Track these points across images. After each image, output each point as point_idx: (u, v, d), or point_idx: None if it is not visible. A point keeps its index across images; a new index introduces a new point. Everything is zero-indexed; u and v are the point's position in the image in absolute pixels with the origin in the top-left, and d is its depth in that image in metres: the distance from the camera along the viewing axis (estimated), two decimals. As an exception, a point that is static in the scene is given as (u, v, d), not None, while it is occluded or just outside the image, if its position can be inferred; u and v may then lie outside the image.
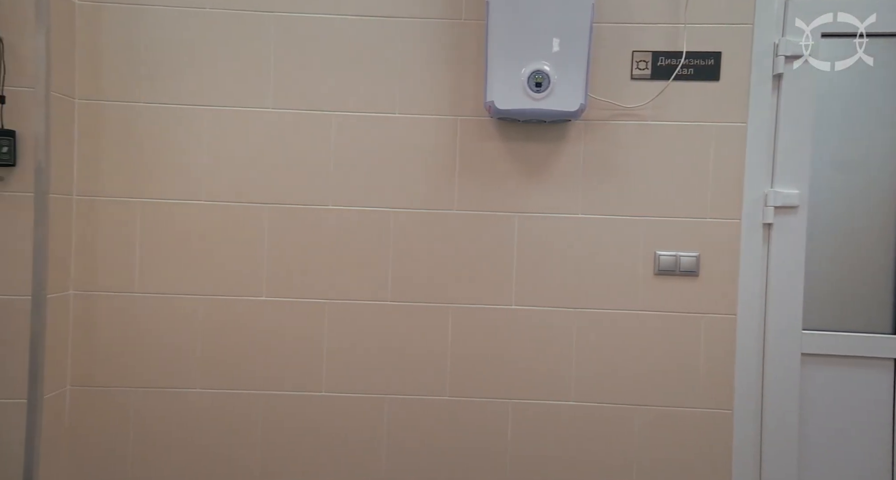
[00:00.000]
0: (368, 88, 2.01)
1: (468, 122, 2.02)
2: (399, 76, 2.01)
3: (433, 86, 2.01)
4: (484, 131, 2.02)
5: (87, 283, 1.99)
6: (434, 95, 2.01)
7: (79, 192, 1.98)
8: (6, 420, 1.82)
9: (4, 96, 1.79)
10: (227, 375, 2.02)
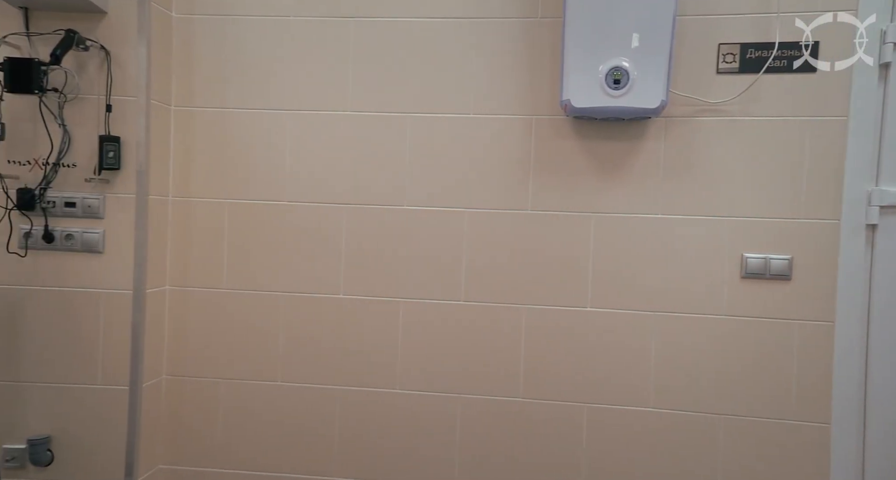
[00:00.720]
0: (443, 89, 2.02)
1: (543, 121, 1.99)
2: (474, 77, 2.01)
3: (508, 86, 2.00)
4: (559, 130, 1.99)
5: (181, 279, 2.12)
6: (509, 94, 2.00)
7: (174, 193, 2.12)
8: (112, 404, 1.97)
9: (111, 105, 1.93)
10: (306, 369, 2.09)
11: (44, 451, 1.95)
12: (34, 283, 1.97)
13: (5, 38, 1.85)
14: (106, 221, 1.97)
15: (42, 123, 1.92)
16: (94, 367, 1.98)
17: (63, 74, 1.89)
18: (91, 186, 1.96)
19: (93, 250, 1.97)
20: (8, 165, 1.93)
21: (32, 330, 1.97)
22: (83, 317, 1.97)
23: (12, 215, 1.94)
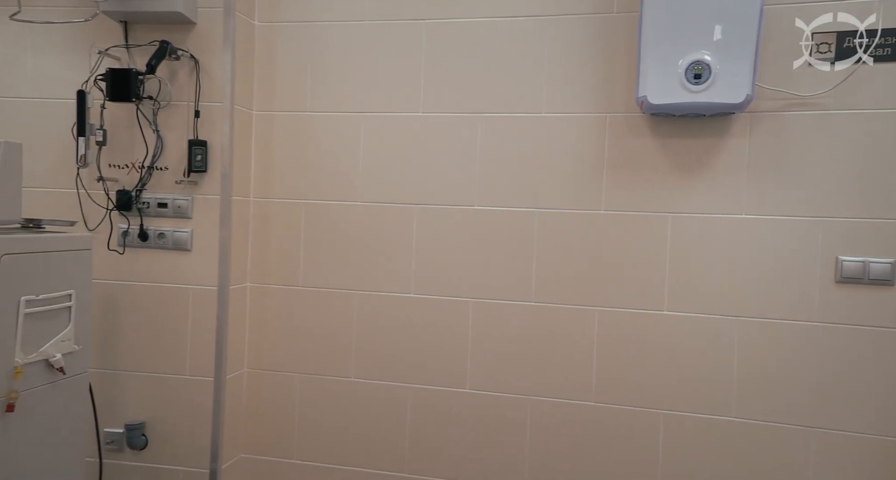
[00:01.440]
0: (515, 89, 2.01)
1: (618, 119, 1.94)
2: (546, 75, 1.99)
3: (581, 83, 1.96)
4: (635, 128, 1.93)
5: (261, 276, 2.22)
6: (582, 92, 1.96)
7: (255, 194, 2.21)
8: (199, 394, 2.09)
9: (199, 111, 2.05)
10: (378, 366, 2.14)
11: (139, 436, 2.09)
12: (131, 278, 2.11)
13: (108, 50, 2.00)
14: (194, 220, 2.08)
15: (139, 129, 2.05)
16: (182, 358, 2.10)
17: (157, 83, 2.02)
18: (181, 187, 2.08)
19: (182, 248, 2.09)
20: (108, 169, 2.08)
21: (129, 323, 2.12)
22: (173, 311, 2.10)
23: (112, 215, 2.09)
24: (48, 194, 2.09)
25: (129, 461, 2.11)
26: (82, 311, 1.81)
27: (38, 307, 1.66)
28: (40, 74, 2.11)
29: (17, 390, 1.59)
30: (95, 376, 2.07)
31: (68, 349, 1.76)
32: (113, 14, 1.98)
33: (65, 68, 2.09)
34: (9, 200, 1.63)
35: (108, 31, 2.04)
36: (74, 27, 2.04)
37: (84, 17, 1.96)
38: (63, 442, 1.77)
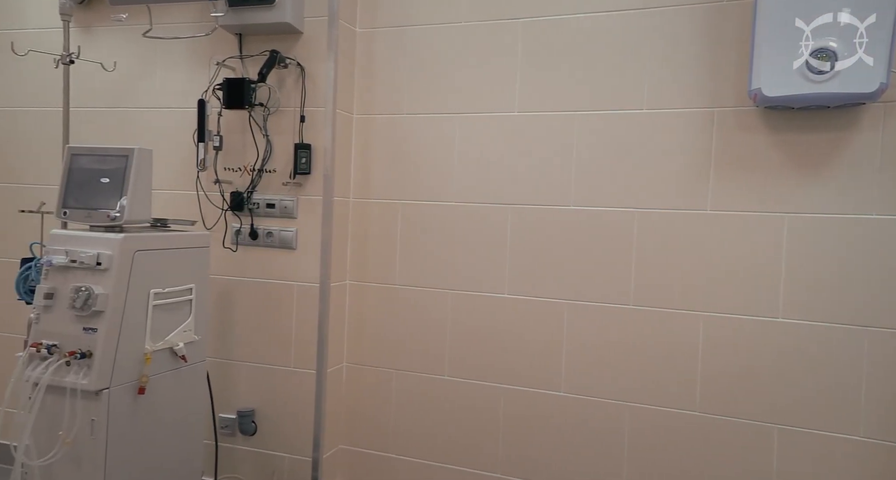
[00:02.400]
0: (614, 85, 1.95)
1: (727, 113, 1.83)
2: (647, 70, 1.91)
3: (686, 77, 1.87)
4: (746, 123, 1.81)
5: (359, 274, 2.30)
6: (687, 86, 1.87)
7: (355, 195, 2.29)
8: (302, 386, 2.20)
9: (304, 116, 2.15)
10: (472, 365, 2.15)
11: (249, 422, 2.23)
12: (242, 274, 2.25)
13: (224, 61, 2.15)
14: (298, 220, 2.19)
15: (250, 134, 2.19)
16: (288, 351, 2.21)
17: (267, 90, 2.14)
18: (287, 189, 2.19)
19: (288, 247, 2.20)
20: (224, 172, 2.23)
21: (241, 316, 2.26)
22: (280, 306, 2.22)
23: (227, 215, 2.24)
24: (172, 195, 2.27)
25: (240, 445, 2.26)
26: (201, 304, 1.96)
27: (164, 300, 1.82)
28: (167, 85, 2.30)
29: (147, 374, 1.74)
30: (212, 364, 2.23)
31: (189, 338, 1.91)
32: (229, 27, 2.12)
33: (187, 80, 2.26)
34: (141, 201, 1.79)
35: (224, 44, 2.18)
36: (195, 41, 2.21)
37: (205, 32, 2.12)
38: (185, 424, 1.93)
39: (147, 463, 1.78)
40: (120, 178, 1.76)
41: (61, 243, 1.72)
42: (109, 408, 1.64)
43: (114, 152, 1.79)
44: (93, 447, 1.63)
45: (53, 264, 1.69)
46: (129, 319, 1.70)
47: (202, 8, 2.18)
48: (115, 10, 2.09)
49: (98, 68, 2.30)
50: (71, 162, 1.81)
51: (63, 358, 1.63)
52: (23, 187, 2.48)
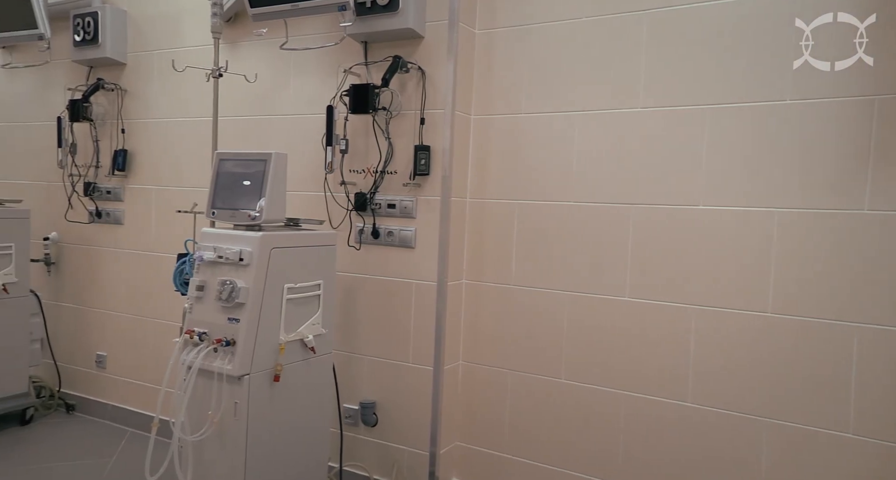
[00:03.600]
0: (749, 75, 1.81)
1: (890, 101, 1.63)
2: (789, 57, 1.75)
3: (838, 63, 1.69)
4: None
5: (475, 273, 2.31)
6: (838, 73, 1.69)
7: (472, 195, 2.31)
8: (420, 381, 2.25)
9: (424, 118, 2.20)
10: (589, 369, 2.09)
11: (371, 414, 2.33)
12: (365, 272, 2.36)
13: (351, 68, 2.26)
14: (417, 220, 2.25)
15: (374, 137, 2.28)
16: (406, 347, 2.29)
17: (390, 94, 2.22)
18: (407, 189, 2.26)
19: (407, 246, 2.27)
20: (349, 174, 2.35)
21: (363, 311, 2.37)
22: (399, 303, 2.29)
23: (351, 214, 2.35)
24: (302, 196, 2.42)
25: (362, 435, 2.37)
26: (328, 299, 2.08)
27: (295, 294, 1.94)
28: (299, 93, 2.47)
29: (281, 363, 1.88)
30: (336, 357, 2.34)
31: (318, 331, 2.03)
32: (356, 36, 2.23)
33: (317, 88, 2.41)
34: (277, 202, 1.93)
35: (351, 52, 2.30)
36: (324, 51, 2.34)
37: (334, 42, 2.24)
38: (313, 412, 2.05)
39: (281, 445, 1.92)
40: (259, 180, 1.91)
41: (210, 241, 1.90)
42: (250, 392, 1.79)
43: (254, 157, 1.95)
44: (235, 427, 1.79)
45: (204, 260, 1.87)
46: (266, 311, 1.84)
47: (331, 19, 2.30)
48: (256, 26, 2.27)
49: (242, 80, 2.51)
50: (218, 166, 1.99)
51: (211, 345, 1.80)
52: (179, 189, 2.76)
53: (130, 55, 2.87)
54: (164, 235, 2.81)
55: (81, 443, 2.75)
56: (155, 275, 2.83)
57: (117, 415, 2.97)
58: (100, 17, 2.77)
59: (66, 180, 3.04)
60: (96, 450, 2.67)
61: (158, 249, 2.83)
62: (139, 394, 2.92)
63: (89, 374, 3.08)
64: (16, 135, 3.26)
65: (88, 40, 2.81)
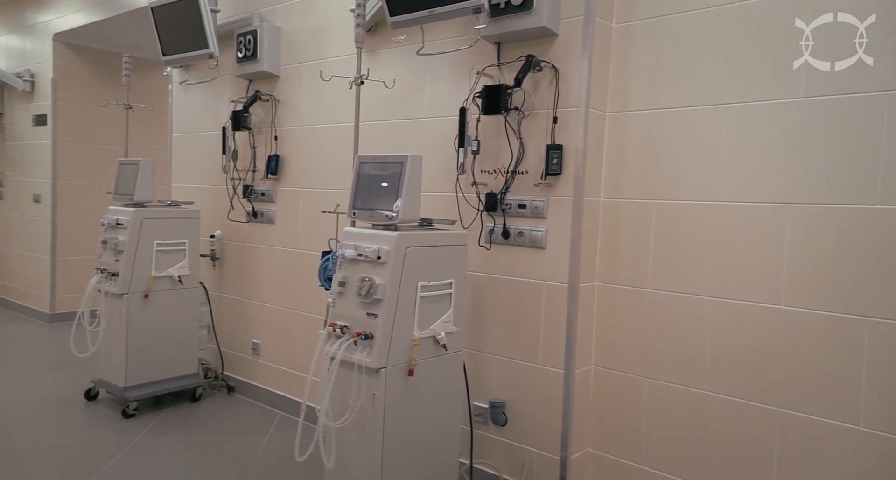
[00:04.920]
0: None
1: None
2: None
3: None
4: None
5: (609, 276, 2.23)
6: None
7: (606, 195, 2.24)
8: (550, 384, 2.22)
9: (557, 117, 2.17)
10: (738, 382, 1.93)
11: (500, 413, 2.34)
12: (494, 271, 2.37)
13: (483, 70, 2.28)
14: (548, 220, 2.22)
15: (505, 137, 2.29)
16: (536, 348, 2.26)
17: (522, 94, 2.22)
18: (538, 189, 2.24)
19: (538, 246, 2.25)
20: (480, 174, 2.37)
21: (492, 311, 2.38)
22: (529, 304, 2.28)
23: (482, 215, 2.37)
24: (434, 197, 2.49)
25: (492, 434, 2.38)
26: (459, 298, 2.12)
27: (429, 292, 2.00)
28: (433, 97, 2.54)
29: (415, 358, 1.95)
30: (466, 355, 2.38)
31: (449, 329, 2.07)
32: (489, 37, 2.25)
33: (449, 90, 2.46)
34: (412, 202, 2.00)
35: (484, 54, 2.32)
36: (457, 54, 2.39)
37: (468, 45, 2.28)
38: (444, 408, 2.10)
39: (415, 438, 1.99)
40: (396, 182, 1.99)
41: (351, 239, 2.01)
42: (386, 385, 1.87)
43: (391, 159, 2.03)
44: (373, 417, 1.88)
45: (346, 257, 1.98)
46: (401, 307, 1.91)
47: (465, 23, 2.34)
48: (395, 33, 2.37)
49: (380, 86, 2.64)
50: (359, 169, 2.11)
51: (352, 338, 1.91)
52: (323, 191, 2.97)
53: (283, 68, 3.14)
54: (310, 233, 3.03)
55: (240, 422, 3.05)
56: (302, 271, 3.06)
57: (269, 399, 3.26)
58: (258, 35, 3.06)
59: (228, 184, 3.39)
60: (252, 429, 2.96)
61: (305, 246, 3.06)
62: (288, 380, 3.18)
63: (246, 359, 3.41)
64: (190, 144, 3.70)
65: (249, 56, 3.11)
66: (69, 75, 4.93)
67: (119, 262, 3.04)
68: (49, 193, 4.92)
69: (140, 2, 3.88)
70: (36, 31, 5.01)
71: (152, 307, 3.11)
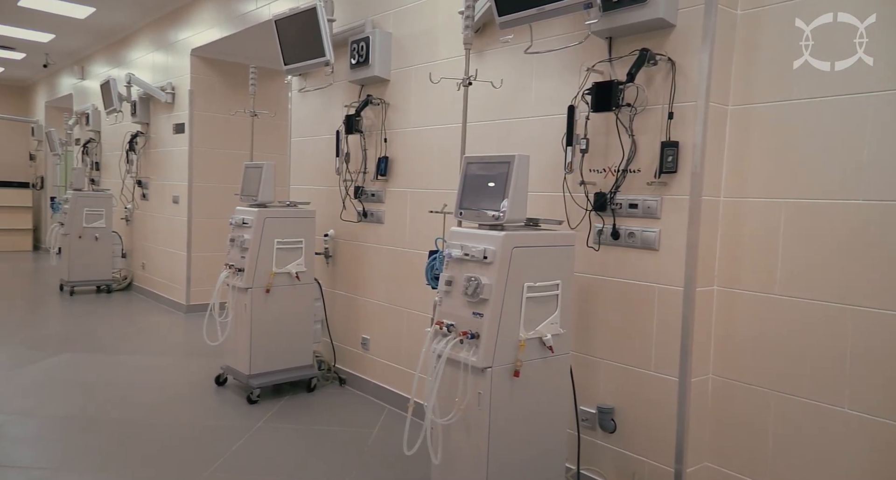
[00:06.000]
0: None
1: None
2: None
3: None
4: None
5: (729, 280, 2.09)
6: None
7: (726, 193, 2.09)
8: (662, 391, 2.12)
9: (672, 112, 2.06)
10: (886, 402, 1.73)
11: (608, 419, 2.27)
12: (603, 273, 2.30)
13: (594, 66, 2.22)
14: (662, 221, 2.12)
15: (616, 135, 2.21)
16: (647, 354, 2.17)
17: (635, 90, 2.13)
18: (651, 189, 2.14)
19: (649, 248, 2.15)
20: (588, 174, 2.31)
21: (600, 314, 2.31)
22: (639, 307, 2.19)
23: (590, 215, 2.31)
24: (540, 197, 2.46)
25: (600, 440, 2.31)
26: (566, 299, 2.07)
27: (535, 293, 1.98)
28: (540, 95, 2.51)
29: (521, 359, 1.93)
30: (572, 358, 2.33)
31: (556, 331, 2.04)
32: (600, 33, 2.18)
33: (557, 89, 2.42)
34: (518, 203, 1.99)
35: (594, 50, 2.26)
36: (565, 51, 2.34)
37: (578, 41, 2.23)
38: (550, 411, 2.07)
39: (520, 439, 1.98)
40: (503, 182, 1.99)
41: (458, 239, 2.04)
42: (492, 384, 1.88)
43: (498, 160, 2.03)
44: (479, 416, 1.89)
45: (452, 257, 2.01)
46: (507, 308, 1.90)
47: (574, 19, 2.29)
48: (503, 33, 2.37)
49: (486, 87, 2.64)
50: (466, 169, 2.13)
51: (458, 337, 1.93)
52: (429, 191, 3.03)
53: (393, 72, 3.24)
54: (417, 233, 3.11)
55: (351, 413, 3.19)
56: (409, 270, 3.15)
57: (377, 392, 3.38)
58: (370, 41, 3.18)
59: (341, 185, 3.55)
60: (362, 421, 3.08)
61: (411, 246, 3.14)
62: (395, 375, 3.28)
63: (356, 354, 3.56)
64: (306, 147, 3.92)
65: (361, 62, 3.24)
66: (203, 87, 5.41)
67: (244, 258, 3.28)
68: (186, 194, 5.43)
69: (265, 16, 4.17)
70: (176, 47, 5.54)
71: (273, 301, 3.33)
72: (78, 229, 6.10)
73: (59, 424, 2.92)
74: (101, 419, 3.01)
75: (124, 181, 6.51)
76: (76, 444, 2.72)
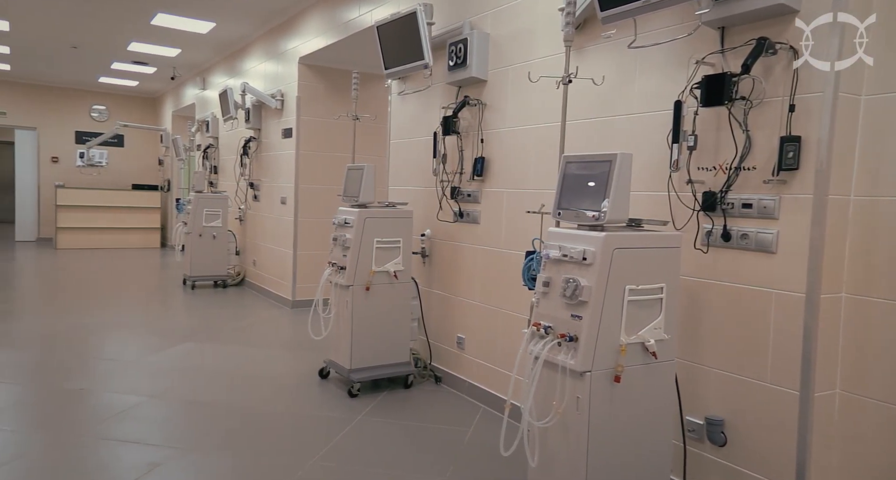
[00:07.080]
0: None
1: None
2: None
3: None
4: None
5: (860, 287, 1.90)
6: None
7: (857, 192, 1.91)
8: (781, 406, 1.97)
9: (794, 105, 1.90)
10: None
11: (718, 432, 2.13)
12: (712, 277, 2.17)
13: (704, 58, 2.10)
14: (780, 221, 1.96)
15: (728, 130, 2.07)
16: (763, 364, 2.02)
17: (750, 82, 1.99)
18: (768, 187, 1.99)
19: (766, 250, 2.00)
20: (696, 172, 2.19)
21: (709, 320, 2.18)
22: (754, 314, 2.04)
23: (698, 215, 2.19)
24: (643, 196, 2.36)
25: (708, 453, 2.18)
26: (671, 303, 1.97)
27: (637, 296, 1.90)
28: (644, 91, 2.41)
29: (622, 364, 1.87)
30: (679, 365, 2.22)
31: (659, 336, 1.94)
32: (712, 23, 2.06)
33: (662, 83, 2.31)
34: (620, 203, 1.92)
35: (703, 41, 2.13)
36: (672, 44, 2.23)
37: (686, 33, 2.12)
38: (654, 419, 1.98)
39: (621, 448, 1.91)
40: (604, 182, 1.92)
41: (556, 240, 2.00)
42: (591, 389, 1.83)
43: (599, 159, 1.97)
44: (577, 420, 1.85)
45: (550, 258, 1.98)
46: (607, 311, 1.84)
47: (681, 10, 2.18)
48: (605, 29, 2.30)
49: (586, 84, 2.58)
50: (565, 169, 2.08)
51: (556, 339, 1.89)
52: (526, 191, 3.00)
53: (490, 72, 3.24)
54: (513, 233, 3.09)
55: (446, 411, 3.23)
56: (505, 270, 3.13)
57: (472, 391, 3.40)
58: (468, 43, 3.20)
59: (437, 186, 3.60)
60: (458, 419, 3.11)
61: (507, 246, 3.13)
62: (491, 376, 3.28)
63: (451, 352, 3.60)
64: (406, 149, 4.02)
65: (459, 64, 3.27)
66: (309, 93, 5.69)
67: (346, 257, 3.41)
68: (292, 195, 5.74)
69: (367, 22, 4.32)
70: (286, 56, 5.88)
71: (372, 299, 3.44)
72: (198, 228, 6.63)
73: (185, 407, 3.19)
74: (221, 404, 3.25)
75: (238, 183, 6.99)
76: (200, 426, 2.95)
